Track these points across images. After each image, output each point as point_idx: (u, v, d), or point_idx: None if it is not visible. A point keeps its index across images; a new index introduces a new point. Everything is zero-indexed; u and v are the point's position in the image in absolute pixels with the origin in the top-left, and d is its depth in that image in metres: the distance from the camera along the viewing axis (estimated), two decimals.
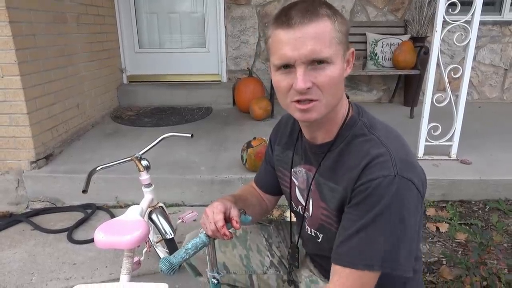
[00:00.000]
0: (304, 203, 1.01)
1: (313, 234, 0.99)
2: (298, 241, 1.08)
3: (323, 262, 1.06)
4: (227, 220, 0.93)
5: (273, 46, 0.81)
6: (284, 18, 0.78)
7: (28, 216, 2.28)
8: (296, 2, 0.81)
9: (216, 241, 1.12)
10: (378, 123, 0.90)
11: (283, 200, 2.41)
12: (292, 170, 1.03)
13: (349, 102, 0.92)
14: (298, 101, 0.81)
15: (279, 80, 0.82)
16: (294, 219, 1.14)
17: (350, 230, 0.80)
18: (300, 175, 1.01)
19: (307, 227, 1.00)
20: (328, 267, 1.04)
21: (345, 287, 0.79)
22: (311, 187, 0.95)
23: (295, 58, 0.77)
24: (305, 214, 1.01)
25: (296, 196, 1.04)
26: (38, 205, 2.42)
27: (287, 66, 0.79)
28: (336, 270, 0.82)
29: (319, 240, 0.97)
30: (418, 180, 0.80)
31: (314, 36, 0.76)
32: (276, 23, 0.80)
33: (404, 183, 0.77)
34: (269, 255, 1.18)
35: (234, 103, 4.04)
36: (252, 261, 1.17)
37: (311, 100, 0.80)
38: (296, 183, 1.03)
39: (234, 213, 0.93)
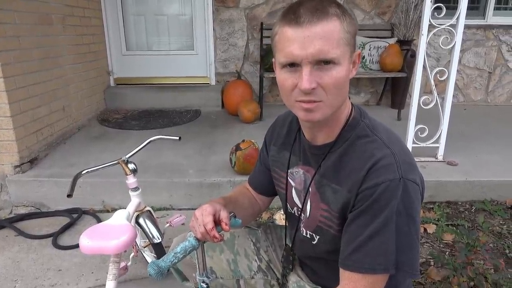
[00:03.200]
0: (300, 205, 0.99)
1: (308, 236, 0.97)
2: (293, 243, 1.07)
3: (313, 264, 1.05)
4: (217, 222, 0.91)
5: (279, 43, 0.80)
6: (292, 16, 0.76)
7: (11, 222, 2.22)
8: (305, 0, 0.79)
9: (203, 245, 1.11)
10: (379, 125, 0.90)
11: (272, 203, 2.40)
12: (289, 171, 1.02)
13: (351, 104, 0.92)
14: (302, 101, 0.80)
15: (284, 78, 0.80)
16: (283, 221, 1.13)
17: (361, 236, 0.79)
18: (297, 176, 0.99)
19: (302, 228, 0.99)
20: (318, 269, 1.04)
21: None
22: (310, 189, 0.94)
23: (302, 57, 0.75)
24: (301, 216, 0.99)
25: (292, 198, 1.02)
26: (22, 210, 2.36)
27: (293, 65, 0.78)
28: (347, 276, 0.82)
29: (314, 242, 0.96)
30: (419, 180, 0.82)
31: (323, 35, 0.74)
32: (283, 20, 0.78)
33: (410, 185, 0.78)
34: (257, 260, 1.17)
35: (222, 105, 4.03)
36: (239, 266, 1.16)
37: (314, 101, 0.79)
38: (293, 184, 1.01)
39: (223, 215, 0.91)
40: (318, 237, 0.95)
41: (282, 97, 0.85)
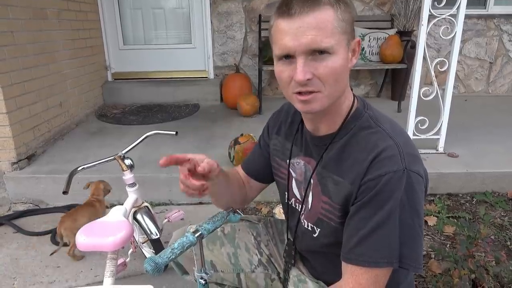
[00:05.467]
0: (299, 196, 0.98)
1: (309, 228, 0.96)
2: (294, 237, 1.05)
3: (314, 258, 1.03)
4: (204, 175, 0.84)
5: (274, 36, 0.80)
6: (284, 8, 0.76)
7: (10, 219, 2.21)
8: None
9: (204, 240, 1.09)
10: (383, 116, 0.89)
11: (271, 197, 2.38)
12: (290, 161, 1.00)
13: (354, 95, 0.90)
14: (300, 93, 0.79)
15: (281, 70, 0.80)
16: (282, 215, 1.11)
17: (364, 229, 0.77)
18: (298, 167, 0.98)
19: (303, 220, 0.98)
20: (318, 264, 1.03)
21: (360, 285, 0.78)
22: (311, 180, 0.92)
23: (295, 48, 0.75)
24: (300, 207, 0.98)
25: (292, 189, 1.01)
26: (21, 207, 2.35)
27: (288, 57, 0.77)
28: (350, 270, 0.80)
29: (315, 235, 0.95)
30: (423, 172, 0.80)
31: (315, 25, 0.73)
32: (277, 12, 0.78)
33: (414, 177, 0.77)
34: (258, 254, 1.16)
35: (221, 99, 4.00)
36: (240, 260, 1.15)
37: (312, 92, 0.78)
38: (294, 175, 1.00)
39: (207, 160, 0.84)
40: (319, 229, 0.93)
41: (281, 89, 0.85)
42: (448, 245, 1.95)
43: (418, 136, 2.55)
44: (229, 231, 1.17)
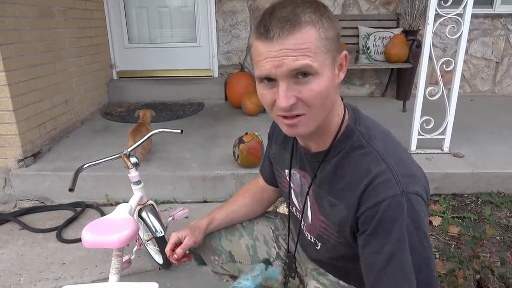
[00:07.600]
0: (298, 206, 0.99)
1: (312, 241, 0.97)
2: (295, 250, 1.06)
3: (324, 267, 1.04)
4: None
5: (254, 57, 0.75)
6: (263, 29, 0.71)
7: (16, 216, 2.23)
8: (277, 7, 0.72)
9: (222, 230, 1.15)
10: (376, 130, 0.84)
11: None
12: (290, 171, 1.01)
13: (345, 107, 0.86)
14: (284, 116, 0.75)
15: (263, 93, 0.76)
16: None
17: (377, 264, 0.74)
18: (295, 178, 0.98)
19: (306, 232, 0.98)
20: (329, 272, 1.03)
21: None
22: (308, 197, 0.92)
23: (276, 72, 0.71)
24: (301, 217, 0.99)
25: (292, 198, 1.02)
26: (27, 204, 2.37)
27: (270, 79, 0.73)
28: None
29: (318, 248, 0.95)
30: (422, 190, 0.76)
31: (296, 48, 0.69)
32: (256, 32, 0.73)
33: (414, 198, 0.73)
34: (276, 247, 1.17)
35: (226, 98, 4.01)
36: (258, 252, 1.16)
37: (297, 115, 0.75)
38: (292, 185, 1.00)
39: (184, 244, 1.06)
40: (320, 244, 0.94)
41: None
42: (453, 245, 1.94)
43: (423, 136, 2.54)
44: (247, 224, 1.19)
